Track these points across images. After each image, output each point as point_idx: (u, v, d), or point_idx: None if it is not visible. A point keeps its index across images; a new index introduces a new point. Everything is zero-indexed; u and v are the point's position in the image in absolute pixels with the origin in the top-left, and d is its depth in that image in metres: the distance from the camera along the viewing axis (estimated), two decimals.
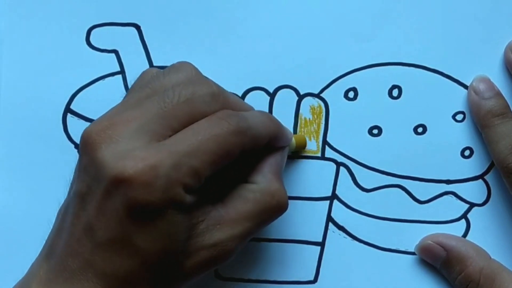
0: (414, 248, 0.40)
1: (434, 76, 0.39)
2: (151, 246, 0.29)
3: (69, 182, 0.33)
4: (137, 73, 0.35)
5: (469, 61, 0.39)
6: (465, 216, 0.40)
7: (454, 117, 0.40)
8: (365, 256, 0.40)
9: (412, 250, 0.40)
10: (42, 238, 0.33)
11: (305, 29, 0.39)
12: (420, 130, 0.39)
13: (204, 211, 0.31)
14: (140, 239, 0.29)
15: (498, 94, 0.39)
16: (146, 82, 0.33)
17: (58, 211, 0.32)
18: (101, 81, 0.39)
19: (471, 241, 0.39)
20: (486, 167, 0.40)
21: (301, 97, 0.39)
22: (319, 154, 0.40)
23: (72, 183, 0.32)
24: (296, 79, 0.39)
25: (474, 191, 0.40)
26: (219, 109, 0.32)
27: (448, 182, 0.40)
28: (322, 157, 0.40)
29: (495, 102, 0.38)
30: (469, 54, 0.39)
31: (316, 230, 0.40)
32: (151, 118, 0.30)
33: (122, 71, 0.39)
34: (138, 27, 0.39)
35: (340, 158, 0.40)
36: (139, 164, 0.29)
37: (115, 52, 0.39)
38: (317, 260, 0.40)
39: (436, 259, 0.39)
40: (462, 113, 0.39)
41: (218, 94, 0.32)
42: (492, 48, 0.39)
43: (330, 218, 0.40)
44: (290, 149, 0.37)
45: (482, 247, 0.39)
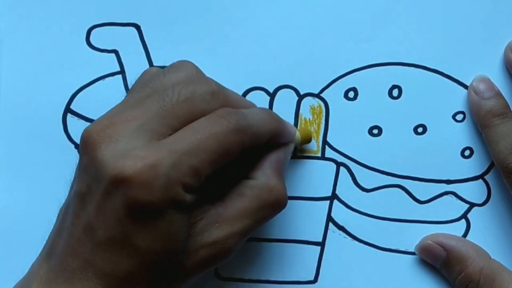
0: (414, 248, 0.40)
1: (434, 76, 0.39)
2: (151, 246, 0.29)
3: (69, 182, 0.33)
4: (137, 73, 0.35)
5: (469, 61, 0.39)
6: (465, 216, 0.40)
7: (454, 117, 0.40)
8: (365, 256, 0.40)
9: (412, 250, 0.40)
10: (42, 238, 0.33)
11: (305, 29, 0.39)
12: (420, 130, 0.39)
13: (203, 210, 0.31)
14: (140, 239, 0.29)
15: (498, 94, 0.39)
16: (147, 81, 0.33)
17: (59, 211, 0.33)
18: (101, 81, 0.39)
19: (471, 241, 0.39)
20: (486, 167, 0.40)
21: (301, 97, 0.39)
22: (319, 154, 0.40)
23: (72, 183, 0.32)
24: (296, 79, 0.39)
25: (474, 191, 0.40)
26: (219, 107, 0.32)
27: (448, 182, 0.40)
28: (322, 157, 0.40)
29: (495, 102, 0.38)
30: (469, 54, 0.39)
31: (316, 230, 0.40)
32: (151, 117, 0.30)
33: (122, 71, 0.39)
34: (138, 27, 0.39)
35: (340, 158, 0.40)
36: (139, 163, 0.29)
37: (115, 52, 0.39)
38: (317, 260, 0.40)
39: (436, 259, 0.39)
40: (462, 113, 0.39)
41: (218, 92, 0.32)
42: (492, 48, 0.39)
43: (330, 218, 0.40)
44: (295, 143, 0.37)
45: (482, 247, 0.39)
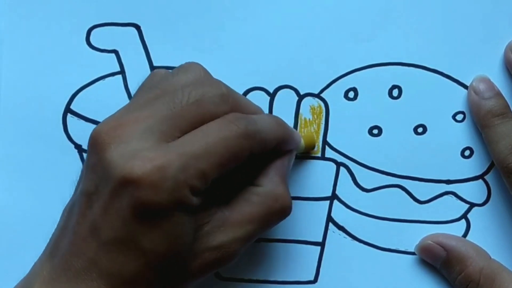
0: (414, 248, 0.40)
1: (434, 76, 0.39)
2: (156, 247, 0.29)
3: (69, 181, 0.33)
4: (137, 73, 0.35)
5: (469, 61, 0.39)
6: (465, 216, 0.40)
7: (454, 117, 0.40)
8: (365, 256, 0.40)
9: (412, 250, 0.40)
10: (42, 237, 0.33)
11: (305, 29, 0.39)
12: (420, 130, 0.39)
13: (209, 213, 0.31)
14: (145, 240, 0.29)
15: (498, 94, 0.39)
16: (155, 82, 0.33)
17: (63, 210, 0.32)
18: (101, 81, 0.39)
19: (471, 241, 0.39)
20: (486, 167, 0.40)
21: (301, 97, 0.39)
22: (319, 154, 0.40)
23: (78, 182, 0.32)
24: (296, 79, 0.39)
25: (474, 191, 0.40)
26: (228, 110, 0.32)
27: (448, 182, 0.40)
28: (322, 157, 0.40)
29: (495, 102, 0.38)
30: (469, 54, 0.39)
31: (316, 230, 0.40)
32: (160, 119, 0.30)
33: (122, 71, 0.39)
34: (138, 27, 0.39)
35: (340, 158, 0.40)
36: (147, 165, 0.29)
37: (115, 52, 0.39)
38: (317, 260, 0.40)
39: (436, 259, 0.39)
40: (462, 113, 0.39)
41: (228, 95, 0.32)
42: (492, 48, 0.39)
43: (330, 218, 0.40)
44: (298, 150, 0.37)
45: (482, 247, 0.39)
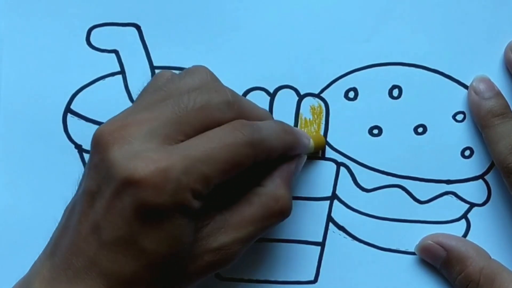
0: (414, 248, 0.40)
1: (434, 76, 0.39)
2: (157, 248, 0.29)
3: (69, 181, 0.33)
4: (137, 73, 0.35)
5: (469, 61, 0.39)
6: (465, 216, 0.40)
7: (454, 117, 0.40)
8: (365, 256, 0.40)
9: (412, 250, 0.40)
10: (43, 237, 0.32)
11: (305, 29, 0.39)
12: (420, 130, 0.39)
13: (210, 215, 0.32)
14: (146, 241, 0.29)
15: (498, 94, 0.39)
16: (161, 84, 0.33)
17: (65, 209, 0.32)
18: (101, 81, 0.39)
19: (471, 241, 0.39)
20: (486, 167, 0.40)
21: (301, 97, 0.39)
22: (319, 154, 0.40)
23: (81, 181, 0.32)
24: (296, 79, 0.39)
25: (474, 191, 0.40)
26: (234, 117, 0.32)
27: (448, 182, 0.40)
28: (322, 157, 0.40)
29: (495, 102, 0.38)
30: (469, 54, 0.39)
31: (316, 230, 0.40)
32: (165, 122, 0.30)
33: (122, 71, 0.39)
34: (138, 27, 0.39)
35: (340, 158, 0.40)
36: (151, 166, 0.29)
37: (115, 52, 0.39)
38: (317, 260, 0.40)
39: (436, 259, 0.39)
40: (462, 113, 0.39)
41: (233, 102, 0.32)
42: (492, 48, 0.39)
43: (330, 218, 0.40)
44: (307, 152, 0.37)
45: (482, 247, 0.39)
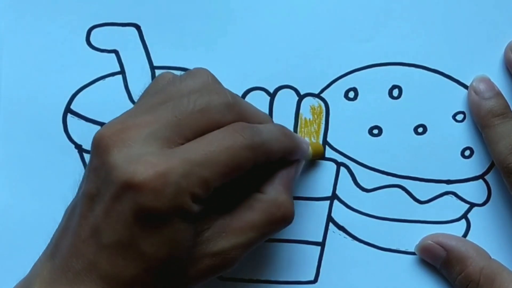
0: (414, 248, 0.40)
1: (434, 76, 0.39)
2: (156, 252, 0.29)
3: (69, 181, 0.33)
4: (137, 73, 0.35)
5: (469, 61, 0.39)
6: (465, 216, 0.40)
7: (454, 117, 0.40)
8: (365, 256, 0.40)
9: (412, 250, 0.40)
10: (43, 238, 0.32)
11: (305, 29, 0.39)
12: (420, 130, 0.39)
13: (210, 219, 0.31)
14: (145, 244, 0.29)
15: (498, 94, 0.39)
16: (162, 87, 0.33)
17: (65, 211, 0.32)
18: (101, 81, 0.39)
19: (471, 241, 0.39)
20: (486, 167, 0.40)
21: (301, 97, 0.39)
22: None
23: (81, 184, 0.32)
24: (296, 79, 0.39)
25: (474, 191, 0.40)
26: (234, 120, 0.32)
27: (448, 182, 0.40)
28: (323, 157, 0.40)
29: (495, 102, 0.38)
30: (469, 54, 0.39)
31: (316, 230, 0.40)
32: (165, 125, 0.30)
33: (122, 71, 0.39)
34: (138, 27, 0.39)
35: (340, 158, 0.40)
36: (150, 170, 0.29)
37: (115, 52, 0.39)
38: (317, 260, 0.40)
39: (436, 259, 0.39)
40: (462, 113, 0.39)
41: (234, 105, 0.32)
42: (492, 48, 0.39)
43: (330, 218, 0.40)
44: (305, 159, 0.37)
45: (482, 247, 0.39)
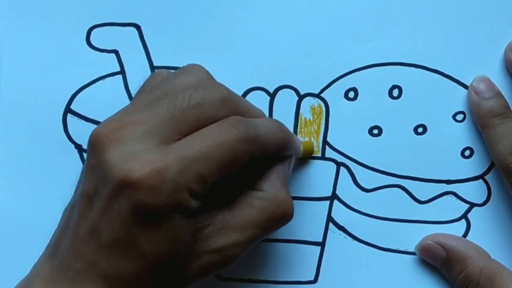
0: (414, 248, 0.40)
1: (434, 76, 0.39)
2: (156, 249, 0.29)
3: (69, 181, 0.33)
4: (137, 73, 0.35)
5: (469, 61, 0.39)
6: (465, 216, 0.40)
7: (454, 117, 0.40)
8: (365, 256, 0.40)
9: (412, 250, 0.40)
10: (42, 238, 0.32)
11: (305, 29, 0.39)
12: (420, 130, 0.39)
13: (209, 216, 0.31)
14: (144, 242, 0.29)
15: (498, 94, 0.39)
16: (156, 84, 0.33)
17: (64, 210, 0.32)
18: (101, 81, 0.39)
19: (471, 241, 0.39)
20: (486, 167, 0.40)
21: (301, 97, 0.39)
22: (319, 154, 0.40)
23: (78, 183, 0.32)
24: (296, 79, 0.39)
25: (474, 191, 0.40)
26: (229, 114, 0.32)
27: (448, 182, 0.40)
28: (322, 157, 0.40)
29: (495, 102, 0.38)
30: (469, 54, 0.39)
31: (316, 230, 0.40)
32: (160, 121, 0.30)
33: (122, 71, 0.39)
34: (138, 27, 0.39)
35: (340, 158, 0.40)
36: (146, 167, 0.28)
37: (115, 52, 0.39)
38: (317, 260, 0.40)
39: (436, 259, 0.39)
40: (462, 113, 0.39)
41: (229, 99, 0.32)
42: (492, 48, 0.39)
43: (330, 218, 0.40)
44: (297, 156, 0.37)
45: (482, 247, 0.39)
